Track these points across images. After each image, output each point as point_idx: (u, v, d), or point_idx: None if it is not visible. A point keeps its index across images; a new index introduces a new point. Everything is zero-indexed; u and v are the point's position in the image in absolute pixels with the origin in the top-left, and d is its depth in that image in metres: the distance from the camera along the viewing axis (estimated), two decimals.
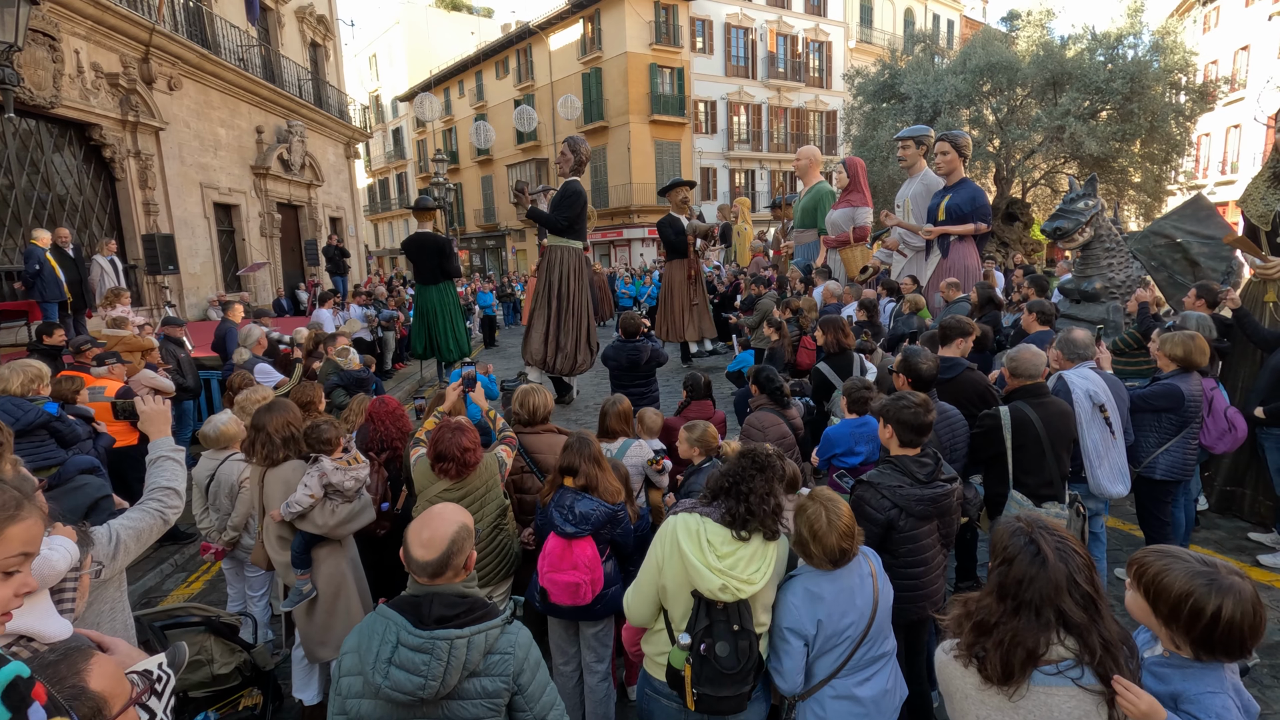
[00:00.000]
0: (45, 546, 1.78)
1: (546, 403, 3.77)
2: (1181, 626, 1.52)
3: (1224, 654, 1.51)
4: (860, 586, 2.20)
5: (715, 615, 2.07)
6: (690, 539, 2.12)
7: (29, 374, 3.94)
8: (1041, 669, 1.56)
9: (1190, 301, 5.25)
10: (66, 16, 10.05)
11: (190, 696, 2.99)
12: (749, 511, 2.11)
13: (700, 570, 2.06)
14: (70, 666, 1.19)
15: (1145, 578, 1.59)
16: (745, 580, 2.06)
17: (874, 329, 6.71)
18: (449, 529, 1.74)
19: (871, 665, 2.22)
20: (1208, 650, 1.51)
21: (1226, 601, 1.46)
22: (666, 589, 2.17)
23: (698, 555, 2.08)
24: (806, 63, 33.04)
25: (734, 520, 2.12)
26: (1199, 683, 1.54)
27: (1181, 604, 1.51)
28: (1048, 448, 3.26)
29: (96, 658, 1.24)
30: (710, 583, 2.04)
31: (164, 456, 2.37)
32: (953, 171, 8.08)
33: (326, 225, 19.31)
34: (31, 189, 10.30)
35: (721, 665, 2.05)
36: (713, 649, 2.05)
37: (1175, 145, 18.20)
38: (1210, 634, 1.49)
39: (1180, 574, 1.53)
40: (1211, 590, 1.48)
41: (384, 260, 44.86)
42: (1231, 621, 1.46)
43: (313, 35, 19.43)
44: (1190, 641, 1.52)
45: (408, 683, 1.58)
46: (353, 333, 10.20)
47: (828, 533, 2.11)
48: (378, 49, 44.15)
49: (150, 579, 4.87)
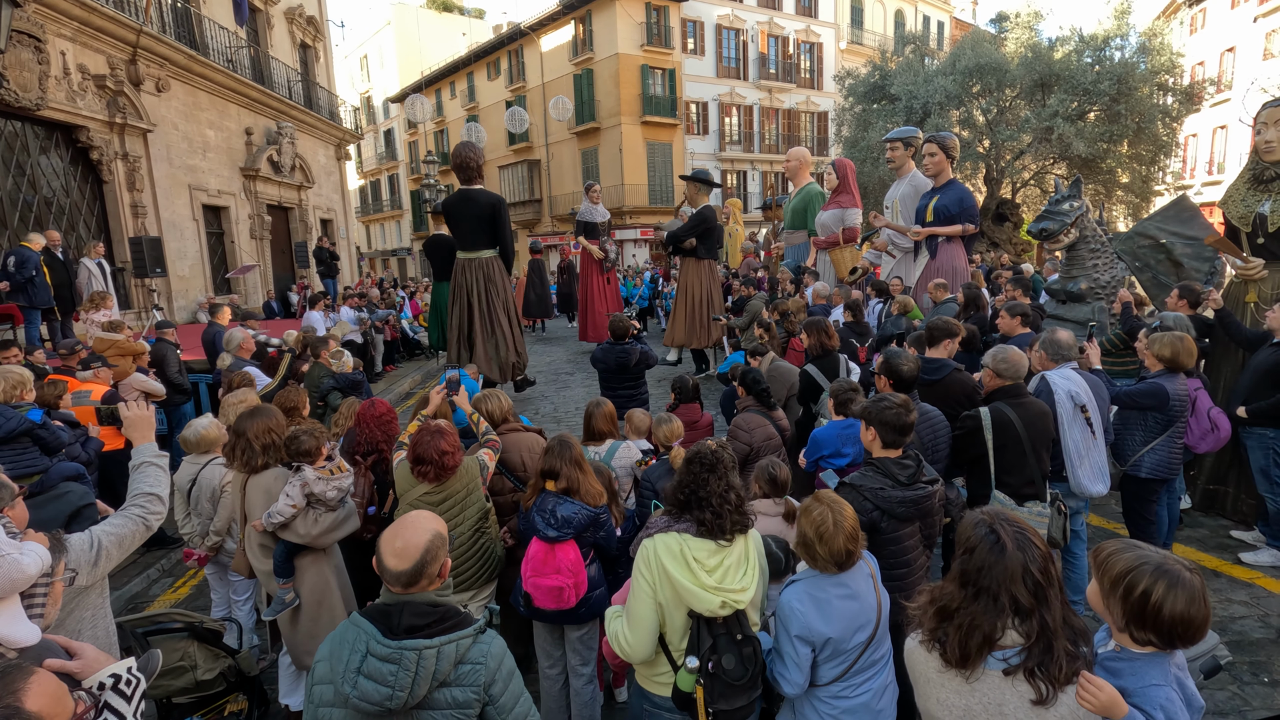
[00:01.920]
0: (16, 551, 1.78)
1: (502, 405, 3.80)
2: (1118, 602, 1.59)
3: (1156, 636, 1.56)
4: (866, 591, 2.22)
5: (717, 631, 2.07)
6: (676, 561, 2.10)
7: (11, 380, 3.92)
8: (994, 654, 1.63)
9: (1172, 302, 5.30)
10: (52, 18, 9.99)
11: (174, 703, 2.99)
12: (717, 515, 2.11)
13: (695, 592, 2.05)
14: (7, 686, 1.16)
15: (1098, 558, 1.67)
16: (740, 589, 2.07)
17: (860, 330, 6.74)
18: (422, 538, 1.73)
19: (872, 668, 2.25)
20: (1139, 627, 1.57)
21: (1160, 583, 1.53)
22: (668, 615, 2.13)
23: (688, 577, 2.06)
24: (797, 64, 33.14)
25: (709, 530, 2.12)
26: (1143, 677, 1.60)
27: (1120, 579, 1.59)
28: (1028, 448, 3.29)
29: (36, 675, 1.21)
30: (709, 603, 2.04)
31: (147, 462, 2.37)
32: (940, 173, 8.13)
33: (317, 227, 19.24)
34: (18, 191, 10.23)
35: (731, 678, 2.05)
36: (720, 664, 2.05)
37: (1162, 146, 18.38)
38: (1141, 611, 1.55)
39: (1129, 556, 1.61)
40: (1151, 571, 1.55)
41: (375, 262, 44.71)
42: (1162, 603, 1.52)
43: (302, 36, 19.36)
44: (1125, 618, 1.59)
45: (375, 693, 1.58)
46: (343, 335, 10.17)
47: (834, 535, 2.11)
48: (368, 50, 44.02)
49: (136, 584, 4.84)
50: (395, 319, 12.81)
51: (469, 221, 8.17)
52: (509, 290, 8.66)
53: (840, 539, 2.11)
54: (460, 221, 8.24)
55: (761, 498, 3.28)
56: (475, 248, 8.31)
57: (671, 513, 2.24)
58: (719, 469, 2.17)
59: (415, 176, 38.70)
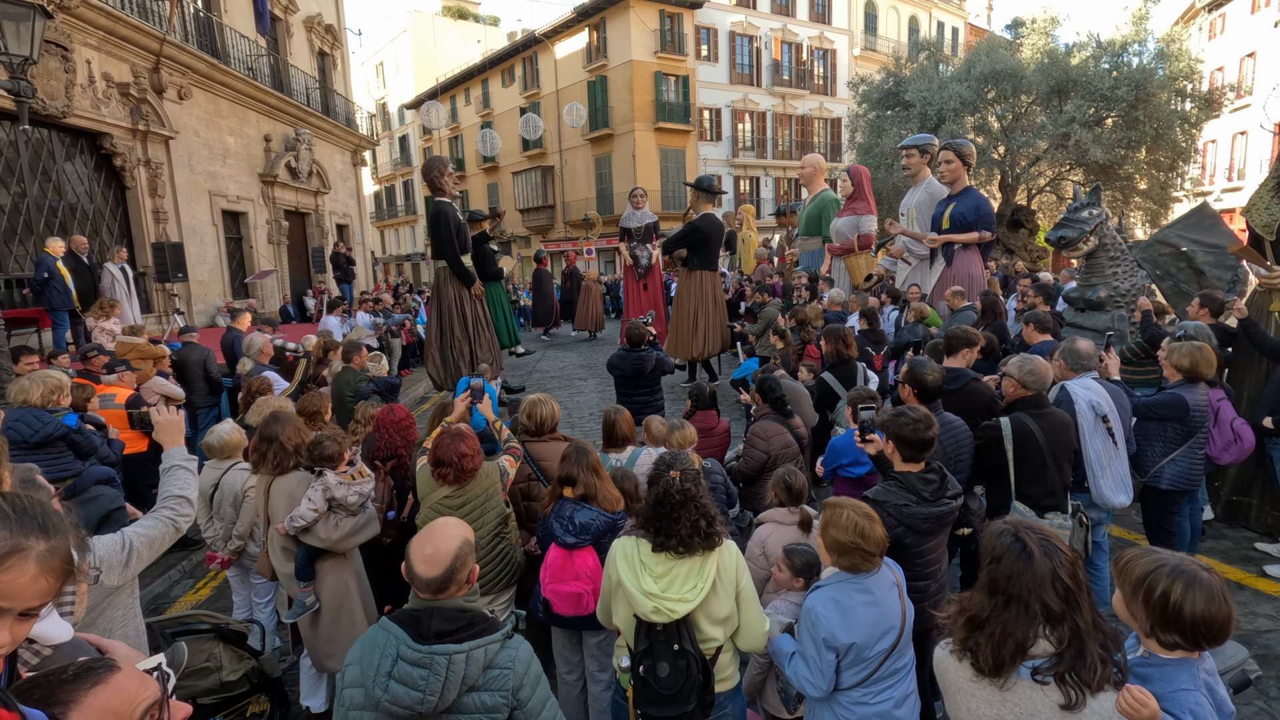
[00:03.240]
0: None
1: (554, 413, 3.80)
2: (1140, 606, 1.61)
3: (1181, 637, 1.58)
4: (890, 599, 2.24)
5: (655, 636, 2.10)
6: (626, 563, 2.16)
7: (49, 385, 3.99)
8: (1027, 663, 1.64)
9: (1193, 310, 5.24)
10: (79, 27, 10.19)
11: (199, 703, 3.03)
12: (684, 543, 2.14)
13: (633, 594, 2.10)
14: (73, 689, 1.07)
15: (1118, 565, 1.69)
16: (679, 599, 2.08)
17: (876, 338, 6.72)
18: (452, 544, 1.75)
19: (893, 676, 2.26)
20: (1164, 629, 1.59)
21: (1178, 583, 1.56)
22: (615, 610, 2.23)
23: (631, 579, 2.12)
24: (811, 70, 33.13)
25: (662, 546, 2.16)
26: (1172, 681, 1.60)
27: (1140, 583, 1.61)
28: (1049, 459, 3.26)
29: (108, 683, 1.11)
30: (642, 606, 2.08)
31: (177, 465, 2.41)
32: (957, 180, 8.10)
33: (333, 232, 19.45)
34: (43, 197, 10.42)
35: (661, 686, 2.07)
36: (653, 670, 2.07)
37: (1181, 152, 18.18)
38: (1164, 613, 1.57)
39: (1146, 561, 1.63)
40: (1169, 572, 1.58)
41: (390, 267, 45.06)
42: (1182, 603, 1.54)
43: (321, 44, 19.62)
44: (1149, 621, 1.61)
45: (406, 697, 1.60)
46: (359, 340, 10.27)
47: (872, 527, 2.20)
48: (384, 57, 44.48)
49: (159, 585, 4.91)
50: (411, 323, 12.90)
51: (431, 232, 8.85)
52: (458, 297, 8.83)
53: (878, 528, 2.21)
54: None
55: (777, 505, 3.29)
56: (437, 257, 8.93)
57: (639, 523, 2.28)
58: (690, 504, 2.17)
59: None
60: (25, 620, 1.13)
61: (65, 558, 1.15)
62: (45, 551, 1.12)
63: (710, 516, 2.21)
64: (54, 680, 1.10)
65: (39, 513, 1.17)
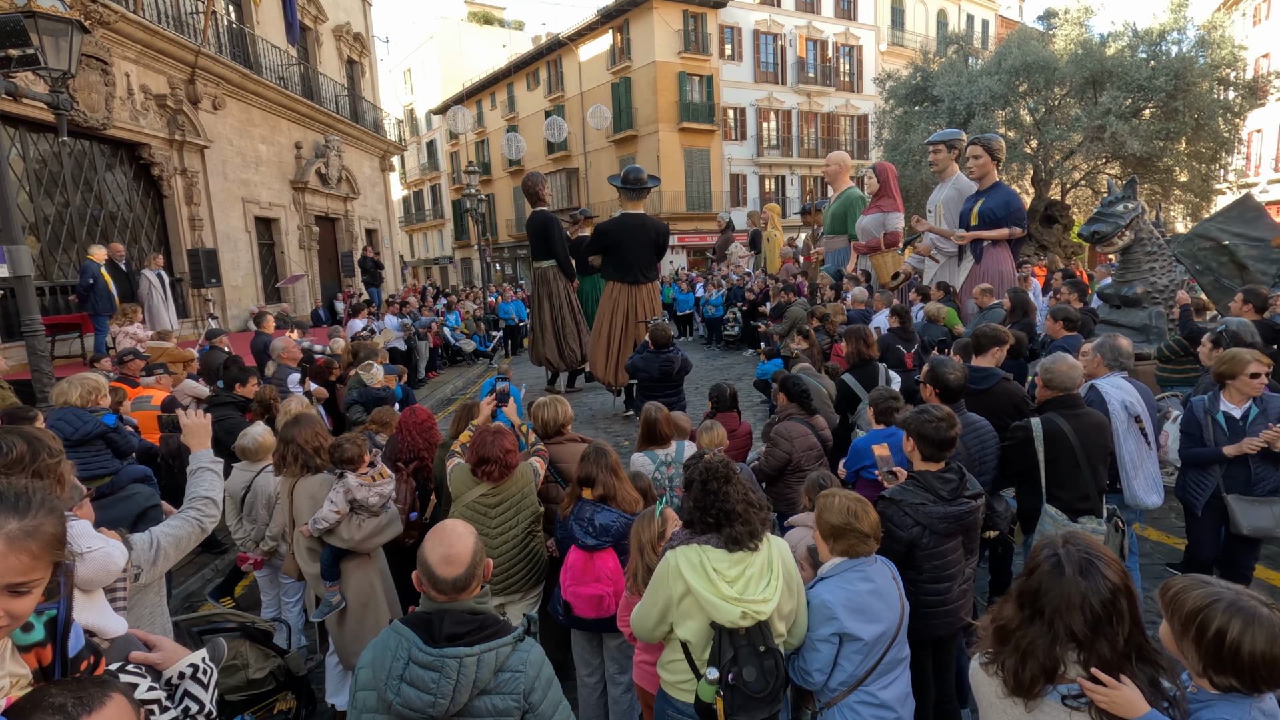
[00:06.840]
0: (107, 545, 1.89)
1: (558, 415, 3.82)
2: (1192, 644, 1.49)
3: (1237, 679, 1.45)
4: (889, 588, 2.27)
5: (739, 642, 2.06)
6: (696, 573, 2.09)
7: (88, 386, 4.11)
8: (1059, 687, 1.57)
9: (1236, 307, 5.06)
10: (118, 41, 10.51)
11: (226, 700, 3.09)
12: (747, 523, 2.12)
13: (716, 604, 2.04)
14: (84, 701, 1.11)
15: (1166, 596, 1.58)
16: (761, 600, 2.06)
17: (907, 336, 6.60)
18: (467, 541, 1.75)
19: (895, 669, 2.28)
20: (1218, 670, 1.46)
21: (1236, 621, 1.42)
22: (679, 624, 2.14)
23: (709, 589, 2.06)
24: (836, 67, 32.77)
25: (739, 541, 2.11)
26: (1219, 712, 1.49)
27: (1191, 619, 1.48)
28: (1082, 461, 3.16)
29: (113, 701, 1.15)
30: (729, 614, 2.03)
31: (203, 467, 2.47)
32: (985, 175, 7.94)
33: (362, 237, 19.77)
34: (85, 207, 10.76)
35: (751, 690, 2.04)
36: (740, 676, 2.04)
37: (1223, 143, 17.57)
38: (1218, 653, 1.44)
39: (1199, 594, 1.50)
40: (1224, 608, 1.45)
41: (418, 270, 45.69)
42: (1240, 642, 1.41)
43: (349, 53, 19.97)
44: (1202, 661, 1.48)
45: (418, 700, 1.60)
46: (387, 342, 10.44)
47: (864, 510, 2.26)
48: (412, 64, 45.14)
49: (192, 583, 5.03)
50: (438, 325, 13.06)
51: (530, 238, 10.35)
52: (566, 293, 10.26)
53: (871, 512, 2.28)
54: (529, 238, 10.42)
55: (808, 509, 3.24)
56: (538, 259, 10.30)
57: (692, 526, 2.23)
58: (731, 475, 2.19)
59: (456, 186, 39.44)
60: (18, 597, 1.15)
61: (44, 539, 1.19)
62: (18, 530, 1.16)
63: (754, 492, 2.25)
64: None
65: (10, 494, 1.21)
